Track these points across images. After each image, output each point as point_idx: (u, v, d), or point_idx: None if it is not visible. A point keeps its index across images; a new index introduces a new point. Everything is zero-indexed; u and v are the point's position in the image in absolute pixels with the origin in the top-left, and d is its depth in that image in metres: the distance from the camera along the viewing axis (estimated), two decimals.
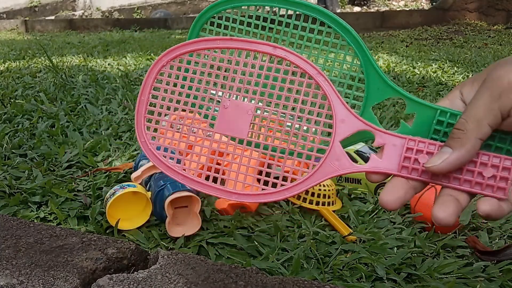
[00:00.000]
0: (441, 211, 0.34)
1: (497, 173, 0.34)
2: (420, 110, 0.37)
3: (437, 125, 0.36)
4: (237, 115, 0.38)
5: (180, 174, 0.38)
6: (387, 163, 0.36)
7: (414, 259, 0.65)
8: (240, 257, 0.66)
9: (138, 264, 0.59)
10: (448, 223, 0.34)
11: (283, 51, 0.37)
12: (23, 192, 0.84)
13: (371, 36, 3.91)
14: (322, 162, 0.36)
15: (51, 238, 0.60)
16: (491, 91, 0.32)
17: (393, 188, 0.35)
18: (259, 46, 0.37)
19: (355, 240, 0.70)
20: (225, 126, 0.38)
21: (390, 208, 0.35)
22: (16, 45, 3.70)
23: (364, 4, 5.81)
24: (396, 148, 0.36)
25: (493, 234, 0.73)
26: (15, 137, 1.15)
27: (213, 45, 0.38)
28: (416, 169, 0.35)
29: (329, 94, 0.36)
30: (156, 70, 0.38)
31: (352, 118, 0.36)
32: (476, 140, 0.33)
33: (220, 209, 0.78)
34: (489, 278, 0.61)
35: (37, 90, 1.70)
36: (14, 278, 0.51)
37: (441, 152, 0.34)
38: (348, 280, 0.60)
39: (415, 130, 0.38)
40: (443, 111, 0.36)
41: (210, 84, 0.38)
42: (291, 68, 0.37)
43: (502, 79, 0.32)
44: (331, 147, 0.36)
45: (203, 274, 0.52)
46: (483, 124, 0.32)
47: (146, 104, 0.39)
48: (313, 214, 0.78)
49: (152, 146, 0.39)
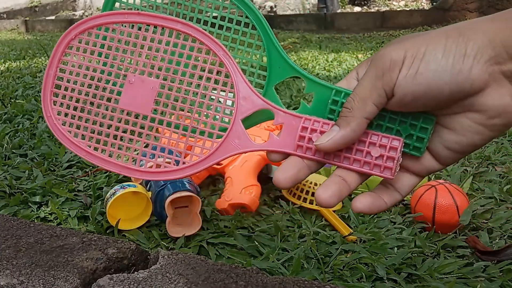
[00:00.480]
0: (322, 191, 0.34)
1: (385, 152, 0.34)
2: (318, 90, 0.38)
3: (332, 104, 0.37)
4: (142, 91, 0.38)
5: (84, 150, 0.38)
6: (284, 142, 0.36)
7: (415, 259, 0.65)
8: (240, 257, 0.66)
9: (138, 264, 0.59)
10: (328, 204, 0.34)
11: (189, 27, 0.37)
12: (23, 192, 0.84)
13: (372, 36, 3.91)
14: (224, 140, 0.37)
15: (52, 238, 0.60)
16: (376, 70, 0.32)
17: (287, 166, 0.36)
18: (166, 22, 0.37)
19: (356, 240, 0.70)
20: (129, 102, 0.38)
21: (282, 186, 0.35)
22: (16, 45, 3.70)
23: (365, 4, 5.80)
24: (293, 127, 0.36)
25: (493, 234, 0.73)
26: (15, 137, 1.15)
27: (121, 19, 0.38)
28: (310, 148, 0.35)
29: (232, 72, 0.37)
30: (64, 43, 0.38)
31: (253, 96, 0.37)
32: (362, 119, 0.33)
33: (221, 209, 0.78)
34: (489, 278, 0.61)
35: (38, 90, 1.70)
36: (14, 278, 0.51)
37: (330, 130, 0.34)
38: (349, 280, 0.60)
39: (314, 109, 0.38)
40: (338, 91, 0.36)
41: (117, 59, 0.38)
42: (197, 45, 0.37)
43: (385, 58, 0.32)
44: (232, 125, 0.37)
45: (203, 274, 0.52)
46: (368, 103, 0.32)
47: (53, 78, 0.38)
48: (314, 214, 0.78)
49: (58, 121, 0.38)
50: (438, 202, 0.73)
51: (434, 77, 0.31)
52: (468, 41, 0.30)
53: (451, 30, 0.31)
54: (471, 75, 0.30)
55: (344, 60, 2.47)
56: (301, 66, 2.19)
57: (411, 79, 0.31)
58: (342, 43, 3.45)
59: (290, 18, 5.04)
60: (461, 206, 0.73)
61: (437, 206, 0.72)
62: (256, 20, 0.40)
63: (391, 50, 0.32)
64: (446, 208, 0.72)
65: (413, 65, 0.31)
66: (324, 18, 4.90)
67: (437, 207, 0.72)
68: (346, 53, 2.75)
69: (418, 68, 0.31)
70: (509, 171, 0.96)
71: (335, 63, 2.38)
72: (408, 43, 0.32)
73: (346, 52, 2.82)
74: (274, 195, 0.87)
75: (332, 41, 3.61)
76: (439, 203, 0.72)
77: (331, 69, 2.19)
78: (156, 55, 0.38)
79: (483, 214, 0.78)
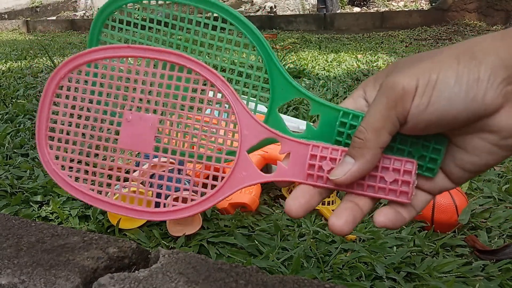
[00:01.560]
0: (335, 219, 0.33)
1: (399, 177, 0.33)
2: (324, 111, 0.36)
3: (340, 127, 0.35)
4: (141, 128, 0.35)
5: (87, 195, 0.37)
6: (293, 171, 0.35)
7: (414, 258, 0.65)
8: (240, 256, 0.66)
9: (139, 263, 0.60)
10: (343, 232, 0.33)
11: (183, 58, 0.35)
12: (24, 192, 0.84)
13: (371, 37, 3.91)
14: (231, 174, 0.35)
15: (53, 237, 0.61)
16: (387, 99, 0.31)
17: (298, 194, 0.35)
18: (159, 54, 0.35)
19: (355, 239, 0.71)
20: (129, 141, 0.36)
21: (295, 216, 0.34)
22: (17, 45, 3.71)
23: (364, 5, 5.81)
24: (301, 155, 0.35)
25: (492, 233, 0.73)
26: (17, 137, 1.15)
27: (110, 53, 0.35)
28: (321, 176, 0.34)
29: (232, 102, 0.35)
30: (54, 83, 0.36)
31: (257, 126, 0.35)
32: (377, 149, 0.32)
33: (221, 209, 0.78)
34: (488, 277, 0.61)
35: (39, 90, 1.70)
36: (15, 277, 0.51)
37: (344, 162, 0.33)
38: (348, 279, 0.60)
39: (321, 132, 0.36)
40: (345, 113, 0.35)
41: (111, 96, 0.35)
42: (193, 76, 0.35)
43: (396, 87, 0.31)
44: (238, 158, 0.35)
45: (203, 273, 0.53)
46: (382, 133, 0.32)
47: (46, 121, 0.36)
48: (313, 214, 0.79)
49: (56, 166, 0.36)
50: (437, 201, 0.73)
51: (448, 106, 0.30)
52: (480, 65, 0.29)
53: (462, 53, 0.30)
54: (485, 100, 0.29)
55: (344, 60, 2.47)
56: (301, 66, 2.19)
57: (424, 108, 0.30)
58: (341, 43, 3.45)
59: (290, 19, 5.04)
60: (460, 205, 0.73)
61: (436, 206, 0.73)
62: (256, 40, 0.38)
63: (402, 78, 0.31)
64: (445, 207, 0.73)
65: (425, 94, 0.30)
66: (323, 18, 4.90)
67: (436, 206, 0.73)
68: (345, 53, 2.75)
69: (431, 97, 0.30)
70: (508, 170, 0.96)
71: (334, 63, 2.39)
72: (418, 69, 0.31)
73: (346, 52, 2.82)
74: (274, 194, 0.87)
75: (332, 41, 3.61)
76: (438, 203, 0.73)
77: (330, 69, 2.20)
78: (152, 89, 0.35)
79: (482, 214, 0.78)
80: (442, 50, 0.32)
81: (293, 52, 2.84)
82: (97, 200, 0.37)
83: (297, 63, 2.31)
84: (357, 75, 2.01)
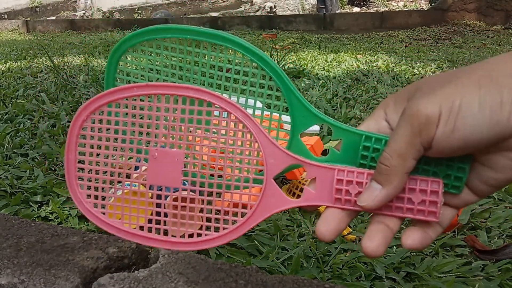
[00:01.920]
0: (368, 242, 0.34)
1: (426, 197, 0.34)
2: (346, 135, 0.37)
3: (363, 151, 0.36)
4: (168, 164, 0.36)
5: (122, 230, 0.38)
6: (321, 195, 0.36)
7: (413, 258, 0.65)
8: (240, 256, 0.66)
9: (139, 263, 0.60)
10: (377, 254, 0.34)
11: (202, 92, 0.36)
12: (24, 192, 0.84)
13: (370, 37, 3.91)
14: (260, 201, 0.36)
15: (52, 237, 0.61)
16: (412, 127, 0.32)
17: (328, 219, 0.35)
18: (177, 90, 0.36)
19: (355, 239, 0.71)
20: (157, 176, 0.37)
21: (327, 240, 0.35)
22: (17, 45, 3.71)
23: (364, 5, 5.81)
24: (327, 180, 0.35)
25: (492, 233, 0.73)
26: (16, 137, 1.15)
27: (130, 93, 0.36)
28: (348, 200, 0.35)
29: (255, 132, 0.36)
30: (78, 125, 0.37)
31: (281, 154, 0.36)
32: (403, 175, 0.33)
33: None
34: (488, 277, 0.61)
35: (39, 90, 1.70)
36: (15, 277, 0.51)
37: (371, 188, 0.34)
38: (348, 279, 0.60)
39: (344, 156, 0.37)
40: (368, 137, 0.36)
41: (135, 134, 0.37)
42: (213, 109, 0.36)
43: (420, 114, 0.31)
44: (265, 186, 0.36)
45: (203, 273, 0.53)
46: (408, 159, 0.32)
47: (74, 163, 0.37)
48: (313, 214, 0.79)
49: (90, 205, 0.38)
50: None
51: (472, 131, 0.30)
52: (502, 88, 0.30)
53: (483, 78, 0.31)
54: (510, 123, 0.30)
55: (343, 60, 2.48)
56: (300, 66, 2.19)
57: (448, 135, 0.31)
58: (341, 43, 3.45)
59: (289, 19, 5.04)
60: None
61: None
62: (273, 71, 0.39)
63: (425, 105, 0.31)
64: None
65: (449, 121, 0.31)
66: (323, 18, 4.90)
67: None
68: (345, 53, 2.76)
69: (454, 123, 0.31)
70: None
71: (334, 63, 2.39)
72: (440, 95, 0.31)
73: (345, 52, 2.82)
74: None
75: (331, 41, 3.62)
76: None
77: (330, 69, 2.20)
78: (174, 125, 0.36)
79: (482, 214, 0.78)
80: (461, 73, 0.32)
81: (293, 52, 2.84)
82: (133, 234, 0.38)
83: (296, 63, 2.31)
84: (356, 75, 2.01)
